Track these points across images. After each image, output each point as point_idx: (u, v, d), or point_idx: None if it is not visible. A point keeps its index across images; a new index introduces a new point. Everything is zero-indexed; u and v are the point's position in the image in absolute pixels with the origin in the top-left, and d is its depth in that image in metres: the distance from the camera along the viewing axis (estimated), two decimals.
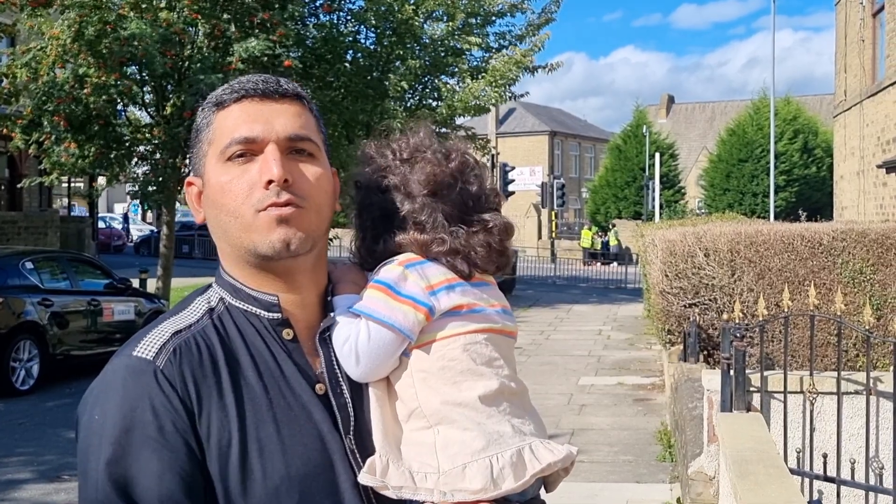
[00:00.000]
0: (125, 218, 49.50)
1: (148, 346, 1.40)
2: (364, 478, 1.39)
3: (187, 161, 16.92)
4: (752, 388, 5.66)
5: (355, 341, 1.44)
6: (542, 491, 1.51)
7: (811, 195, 47.54)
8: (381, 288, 1.47)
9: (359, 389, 1.47)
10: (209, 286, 1.54)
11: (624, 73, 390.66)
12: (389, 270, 1.48)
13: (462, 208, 1.52)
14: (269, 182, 1.40)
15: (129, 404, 1.35)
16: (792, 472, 4.58)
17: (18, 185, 21.79)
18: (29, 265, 12.59)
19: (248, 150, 1.43)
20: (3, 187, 29.00)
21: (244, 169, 1.43)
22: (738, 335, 5.50)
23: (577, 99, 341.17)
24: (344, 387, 1.46)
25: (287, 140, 1.44)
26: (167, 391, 1.36)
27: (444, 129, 20.72)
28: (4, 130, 17.11)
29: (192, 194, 1.53)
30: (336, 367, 1.47)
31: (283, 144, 1.44)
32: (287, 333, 1.47)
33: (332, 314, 1.50)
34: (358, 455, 1.42)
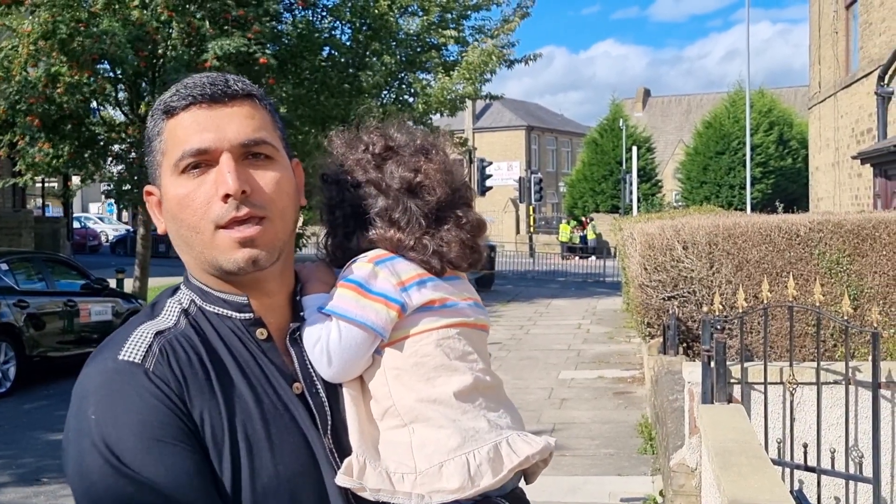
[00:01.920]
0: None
1: (133, 349, 1.37)
2: (341, 479, 1.37)
3: None
4: (732, 380, 5.68)
5: (326, 342, 1.43)
6: (522, 482, 1.51)
7: (787, 187, 47.83)
8: (352, 286, 1.45)
9: (333, 389, 1.46)
10: (178, 287, 1.51)
11: (604, 66, 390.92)
12: (359, 268, 1.46)
13: (436, 204, 1.50)
14: (227, 196, 1.36)
15: (131, 405, 1.31)
16: (773, 462, 4.59)
17: None
18: (4, 266, 12.46)
19: (203, 160, 1.39)
20: None
21: (200, 181, 1.39)
22: (718, 327, 5.52)
23: (558, 93, 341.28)
24: (319, 386, 1.45)
25: (241, 147, 1.39)
26: (164, 390, 1.33)
27: (420, 126, 20.70)
28: None
29: (153, 203, 1.49)
30: (309, 366, 1.45)
31: (237, 152, 1.39)
32: (261, 333, 1.45)
33: (301, 314, 1.48)
34: (336, 454, 1.41)
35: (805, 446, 5.36)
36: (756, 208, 34.47)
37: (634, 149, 43.56)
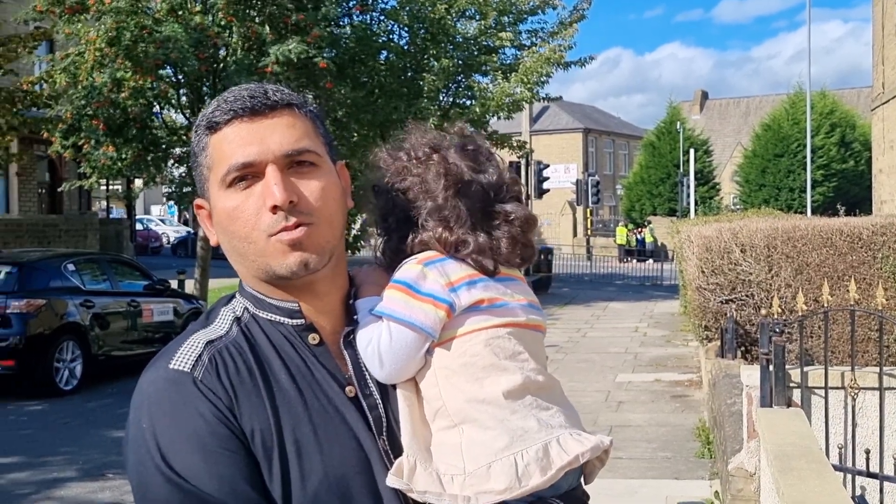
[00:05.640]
0: None
1: (183, 358, 1.41)
2: (391, 480, 1.38)
3: None
4: (791, 384, 5.62)
5: (378, 343, 1.44)
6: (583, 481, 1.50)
7: (849, 190, 46.95)
8: (401, 287, 1.46)
9: (388, 390, 1.47)
10: (233, 296, 1.54)
11: (670, 69, 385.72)
12: (408, 269, 1.48)
13: (483, 200, 1.50)
14: (275, 207, 1.39)
15: (180, 415, 1.36)
16: (834, 468, 4.55)
17: (59, 189, 22.08)
18: (71, 267, 12.78)
19: (249, 173, 1.41)
20: (43, 191, 29.43)
21: (248, 193, 1.41)
22: (776, 330, 5.47)
23: (622, 95, 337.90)
24: (372, 388, 1.46)
25: (284, 157, 1.41)
26: (212, 399, 1.37)
27: (476, 129, 20.75)
28: (45, 135, 17.38)
29: (203, 216, 1.52)
30: (363, 368, 1.47)
31: (281, 162, 1.41)
32: (313, 338, 1.47)
33: (355, 317, 1.50)
34: (392, 455, 1.42)
35: (867, 452, 5.29)
36: (817, 211, 33.90)
37: (692, 151, 43.14)
